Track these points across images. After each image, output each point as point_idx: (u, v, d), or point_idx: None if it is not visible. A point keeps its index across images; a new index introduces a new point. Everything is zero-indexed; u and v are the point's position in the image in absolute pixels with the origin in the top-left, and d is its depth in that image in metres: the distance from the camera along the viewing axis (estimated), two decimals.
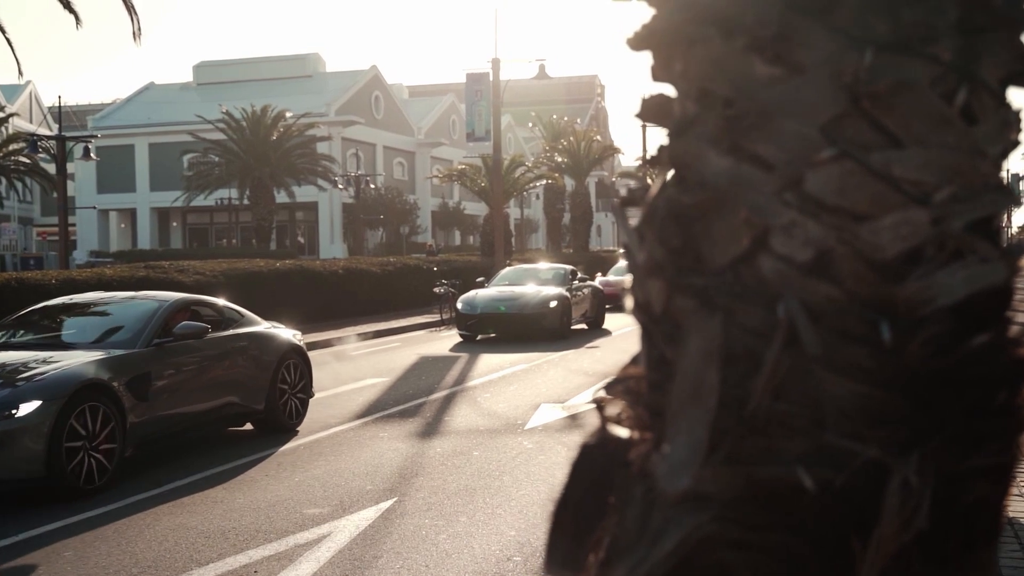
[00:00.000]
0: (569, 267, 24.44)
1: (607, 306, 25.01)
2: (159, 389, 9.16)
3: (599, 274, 32.46)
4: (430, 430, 10.59)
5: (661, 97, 1.48)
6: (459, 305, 21.48)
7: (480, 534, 6.60)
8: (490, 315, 20.86)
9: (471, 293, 22.04)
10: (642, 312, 1.45)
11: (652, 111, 1.50)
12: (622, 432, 1.50)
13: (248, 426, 10.67)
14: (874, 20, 1.30)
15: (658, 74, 1.48)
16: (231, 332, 10.59)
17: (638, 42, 1.49)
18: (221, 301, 11.36)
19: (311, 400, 11.38)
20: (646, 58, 1.49)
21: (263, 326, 11.19)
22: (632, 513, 1.39)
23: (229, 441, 10.22)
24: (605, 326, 23.67)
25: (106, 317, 10.21)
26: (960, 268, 1.29)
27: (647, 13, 1.47)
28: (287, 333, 11.58)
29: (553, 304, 20.95)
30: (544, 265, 26.10)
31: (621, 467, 1.44)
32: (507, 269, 25.25)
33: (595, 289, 23.96)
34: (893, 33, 1.29)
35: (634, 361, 1.54)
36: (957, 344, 1.29)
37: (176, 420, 9.36)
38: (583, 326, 22.94)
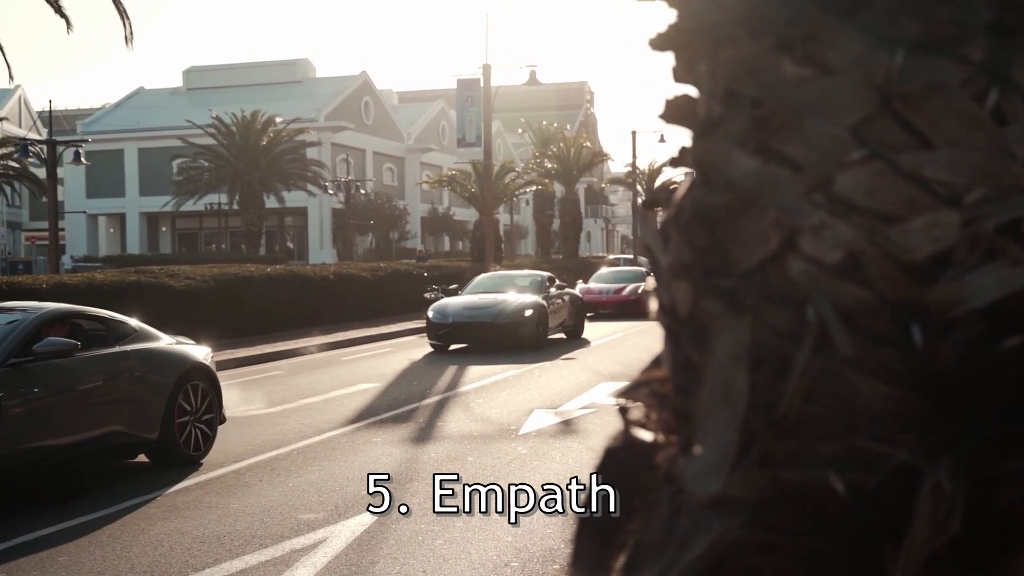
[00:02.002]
0: (546, 274, 23.66)
1: (588, 315, 24.66)
2: (14, 418, 7.80)
3: (580, 281, 31.82)
4: (424, 435, 10.57)
5: (685, 98, 1.48)
6: (430, 314, 20.64)
7: (477, 539, 6.59)
8: (462, 324, 20.11)
9: (443, 301, 21.26)
10: (667, 315, 1.44)
11: (676, 112, 1.49)
12: (646, 436, 1.49)
13: (142, 458, 9.39)
14: (905, 20, 1.29)
15: (680, 75, 1.48)
16: (116, 349, 9.10)
17: (661, 43, 1.48)
18: (111, 313, 9.88)
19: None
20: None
21: (161, 342, 9.75)
22: (658, 517, 1.38)
23: (220, 447, 10.18)
24: (584, 335, 22.92)
25: None
26: (991, 270, 1.28)
27: (668, 15, 1.47)
28: (196, 350, 10.16)
29: (528, 313, 20.16)
30: (520, 272, 25.31)
31: (646, 471, 1.43)
32: (481, 276, 24.39)
33: (574, 297, 23.27)
34: (924, 33, 1.29)
35: (655, 363, 1.53)
36: (989, 346, 1.28)
37: (39, 454, 8.04)
38: (561, 336, 22.16)
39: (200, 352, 10.19)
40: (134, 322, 9.83)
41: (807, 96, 1.33)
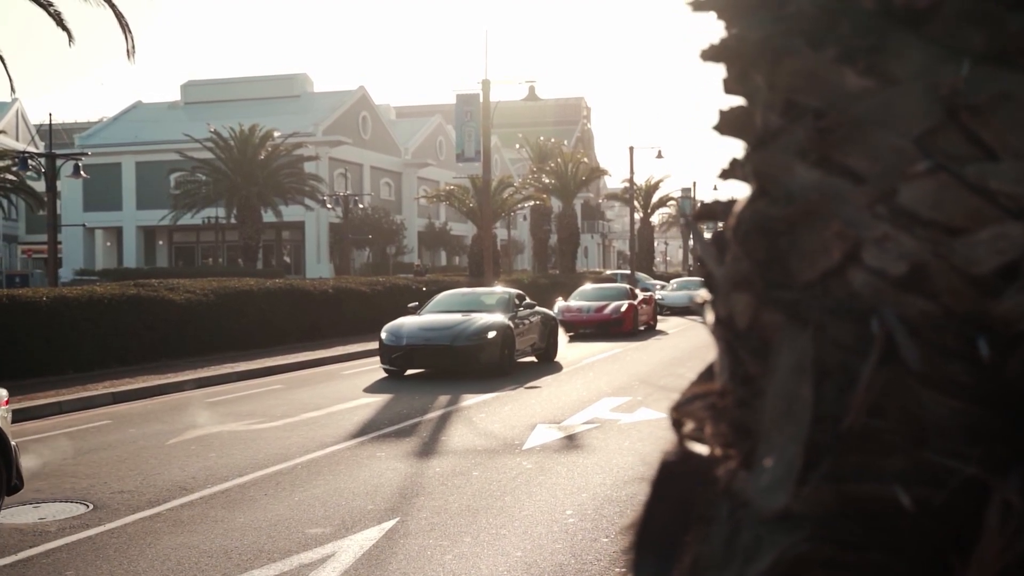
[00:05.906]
0: (514, 291, 21.94)
1: (569, 334, 23.86)
2: None
3: (559, 298, 30.53)
4: (428, 450, 10.54)
5: (740, 109, 1.47)
6: (383, 335, 18.89)
7: (486, 555, 6.56)
8: (418, 347, 18.32)
9: (397, 321, 19.57)
10: (724, 327, 1.43)
11: (731, 123, 1.49)
12: (702, 449, 1.47)
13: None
14: (971, 31, 1.28)
15: (731, 87, 1.48)
16: None
17: (714, 54, 1.48)
18: None
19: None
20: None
21: None
22: (718, 531, 1.36)
23: (224, 461, 10.14)
24: (558, 358, 21.42)
25: None
26: None
27: (718, 27, 1.48)
28: None
29: (491, 334, 18.39)
30: (486, 289, 23.66)
31: (705, 484, 1.42)
32: (443, 294, 22.21)
33: (546, 316, 21.52)
34: (991, 44, 1.28)
35: (706, 376, 1.52)
36: None
37: None
38: (532, 359, 20.81)
39: None
40: None
41: (871, 107, 1.32)
